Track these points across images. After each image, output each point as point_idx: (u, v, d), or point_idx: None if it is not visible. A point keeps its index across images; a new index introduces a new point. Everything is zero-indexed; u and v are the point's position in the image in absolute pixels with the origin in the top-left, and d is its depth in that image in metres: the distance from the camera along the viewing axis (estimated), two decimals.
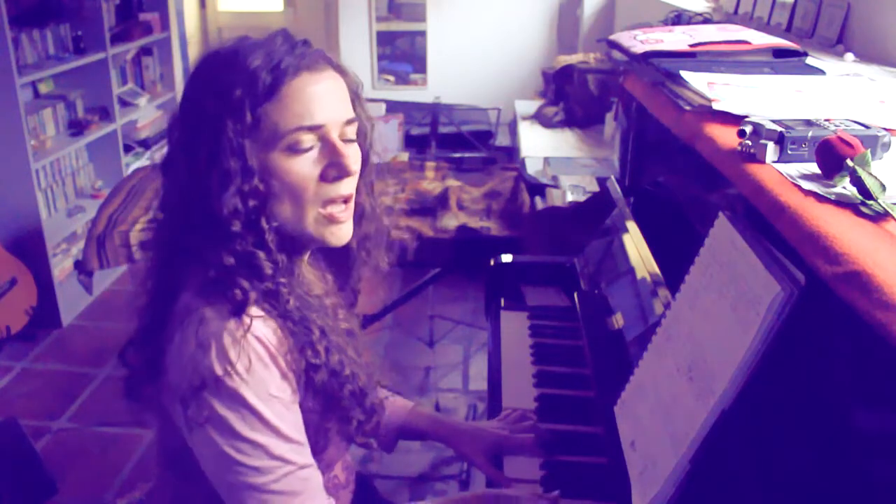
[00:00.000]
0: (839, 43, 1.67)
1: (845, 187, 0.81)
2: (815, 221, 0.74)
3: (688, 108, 1.12)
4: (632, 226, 1.44)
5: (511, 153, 4.39)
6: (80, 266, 2.37)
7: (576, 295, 1.51)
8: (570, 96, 3.61)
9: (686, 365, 0.90)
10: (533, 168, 2.83)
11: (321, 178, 0.93)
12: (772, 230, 0.82)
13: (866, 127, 0.91)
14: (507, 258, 1.76)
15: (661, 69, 1.25)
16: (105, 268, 2.33)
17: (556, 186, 2.55)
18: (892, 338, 0.61)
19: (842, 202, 0.78)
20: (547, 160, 2.88)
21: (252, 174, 0.89)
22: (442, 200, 2.56)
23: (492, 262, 1.75)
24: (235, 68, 0.89)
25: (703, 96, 1.09)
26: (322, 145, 0.93)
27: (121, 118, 3.64)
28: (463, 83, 5.05)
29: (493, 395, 1.38)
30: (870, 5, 1.60)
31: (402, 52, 5.11)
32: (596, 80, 3.48)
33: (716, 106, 1.04)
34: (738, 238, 0.89)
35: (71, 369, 2.91)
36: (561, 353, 1.46)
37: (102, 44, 3.46)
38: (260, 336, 0.88)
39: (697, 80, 1.15)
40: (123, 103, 3.76)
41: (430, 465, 2.40)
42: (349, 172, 0.94)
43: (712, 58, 1.29)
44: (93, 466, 2.39)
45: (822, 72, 1.26)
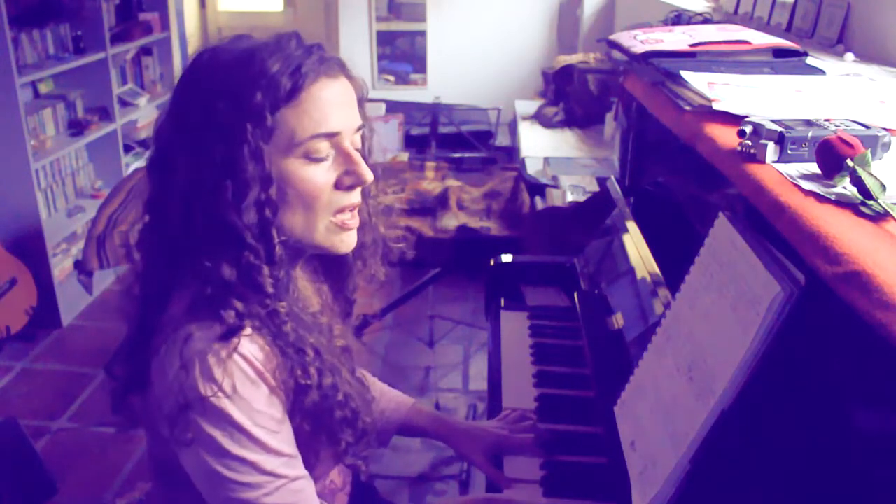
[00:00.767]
0: (839, 43, 1.67)
1: (845, 187, 0.81)
2: (815, 221, 0.74)
3: (688, 108, 1.12)
4: (632, 226, 1.44)
5: (511, 153, 4.39)
6: (79, 266, 2.38)
7: (576, 295, 1.51)
8: (570, 96, 3.62)
9: (686, 365, 0.90)
10: (533, 168, 2.83)
11: (336, 186, 0.92)
12: (772, 230, 0.82)
13: (866, 127, 0.91)
14: (507, 258, 1.76)
15: (661, 69, 1.25)
16: (105, 268, 2.33)
17: (556, 186, 2.55)
18: (892, 338, 0.61)
19: (842, 202, 0.78)
20: (547, 160, 2.88)
21: (271, 182, 0.87)
22: (442, 200, 2.56)
23: (492, 262, 1.75)
24: (254, 71, 0.86)
25: (703, 96, 1.09)
26: (336, 153, 0.91)
27: (121, 118, 3.63)
28: (463, 83, 5.05)
29: (493, 395, 1.38)
30: (870, 5, 1.60)
31: (402, 52, 5.12)
32: (596, 80, 3.49)
33: (716, 106, 1.04)
34: (738, 238, 0.89)
35: (71, 369, 2.91)
36: (561, 353, 1.46)
37: (102, 44, 3.46)
38: (246, 354, 0.86)
39: (697, 80, 1.14)
40: (123, 103, 3.76)
41: (430, 465, 2.40)
42: (365, 180, 0.93)
43: (712, 58, 1.29)
44: (93, 466, 2.39)
45: (822, 72, 1.26)
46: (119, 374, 0.95)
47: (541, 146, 3.28)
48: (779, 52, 1.32)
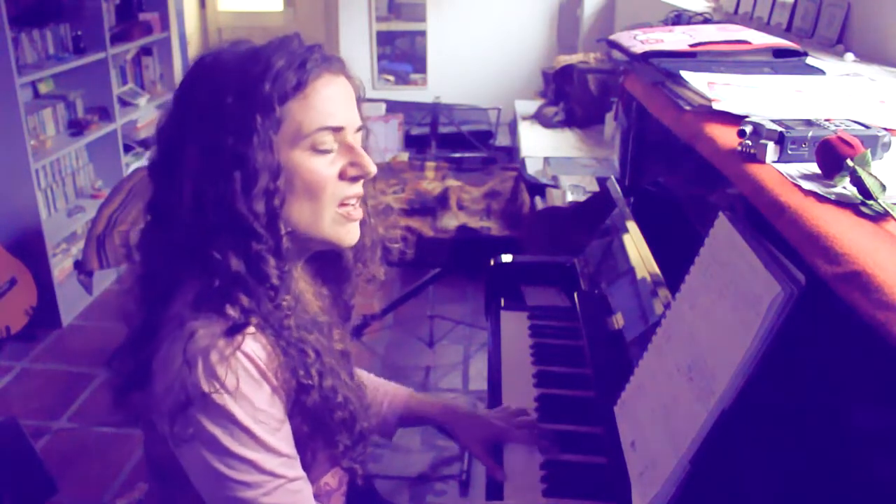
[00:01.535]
0: (839, 43, 1.67)
1: (845, 187, 0.81)
2: (815, 221, 0.74)
3: (688, 108, 1.12)
4: (632, 226, 1.44)
5: (511, 153, 4.39)
6: (79, 266, 2.37)
7: (576, 295, 1.51)
8: (570, 96, 3.62)
9: (686, 365, 0.90)
10: (533, 168, 2.84)
11: (340, 176, 0.94)
12: (772, 230, 0.82)
13: (866, 127, 0.91)
14: (506, 258, 1.76)
15: (661, 69, 1.25)
16: (105, 268, 2.33)
17: (556, 186, 2.55)
18: (892, 338, 0.61)
19: (842, 202, 0.78)
20: (547, 160, 2.88)
21: (280, 171, 0.89)
22: (442, 200, 2.56)
23: (492, 262, 1.75)
24: (260, 67, 0.88)
25: (703, 96, 1.09)
26: (340, 147, 0.94)
27: (121, 118, 3.64)
28: (463, 83, 5.05)
29: (493, 395, 1.38)
30: (870, 5, 1.60)
31: (402, 52, 5.12)
32: (596, 80, 3.49)
33: (716, 106, 1.04)
34: (738, 238, 0.89)
35: (71, 369, 2.91)
36: (561, 353, 1.46)
37: (102, 44, 3.46)
38: (249, 352, 0.86)
39: (697, 80, 1.14)
40: (123, 103, 3.76)
41: (430, 465, 2.40)
42: (369, 172, 0.95)
43: (712, 58, 1.29)
44: (93, 466, 2.39)
45: (822, 72, 1.26)
46: (121, 370, 0.96)
47: (541, 146, 3.28)
48: (779, 52, 1.32)
